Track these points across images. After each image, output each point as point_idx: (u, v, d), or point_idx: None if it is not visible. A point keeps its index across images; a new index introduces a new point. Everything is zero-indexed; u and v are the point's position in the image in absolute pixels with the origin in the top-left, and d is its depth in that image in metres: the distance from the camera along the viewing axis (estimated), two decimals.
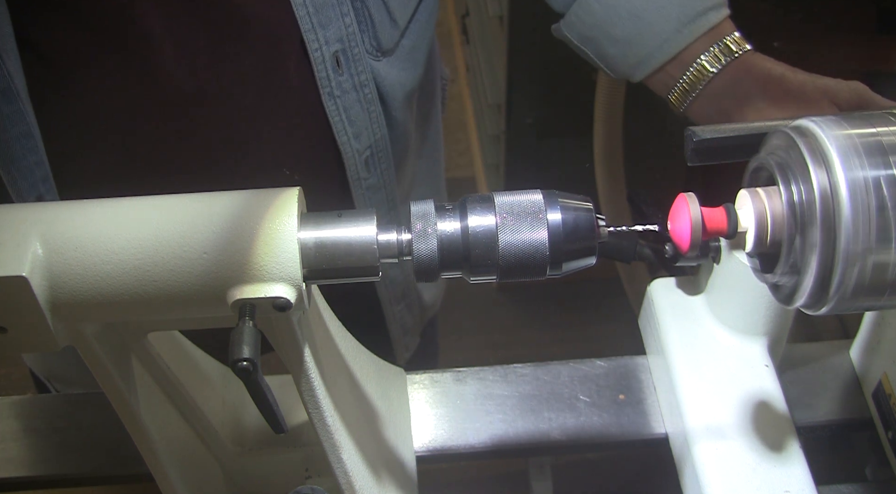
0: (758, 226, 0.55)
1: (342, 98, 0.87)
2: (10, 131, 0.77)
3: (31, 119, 0.78)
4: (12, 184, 0.80)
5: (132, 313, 0.56)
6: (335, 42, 0.85)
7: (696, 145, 0.71)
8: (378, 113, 0.91)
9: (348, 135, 0.89)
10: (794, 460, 0.76)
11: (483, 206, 0.55)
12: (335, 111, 0.88)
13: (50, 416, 0.89)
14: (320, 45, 0.84)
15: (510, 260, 0.55)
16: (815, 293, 0.53)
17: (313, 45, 0.84)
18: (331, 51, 0.85)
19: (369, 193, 0.94)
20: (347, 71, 0.87)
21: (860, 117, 0.54)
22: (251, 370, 0.51)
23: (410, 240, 0.55)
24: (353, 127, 0.89)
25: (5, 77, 0.75)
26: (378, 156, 0.93)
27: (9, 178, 0.79)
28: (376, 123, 0.91)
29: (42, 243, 0.53)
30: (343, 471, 0.69)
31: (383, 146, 0.93)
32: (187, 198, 0.56)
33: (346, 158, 0.90)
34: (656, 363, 0.88)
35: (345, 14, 0.84)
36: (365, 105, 0.89)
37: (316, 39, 0.83)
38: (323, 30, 0.83)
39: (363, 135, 0.90)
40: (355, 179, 0.92)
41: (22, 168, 0.79)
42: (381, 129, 0.92)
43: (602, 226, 0.56)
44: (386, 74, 0.90)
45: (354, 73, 0.87)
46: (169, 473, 0.71)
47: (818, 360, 0.91)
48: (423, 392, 0.89)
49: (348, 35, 0.85)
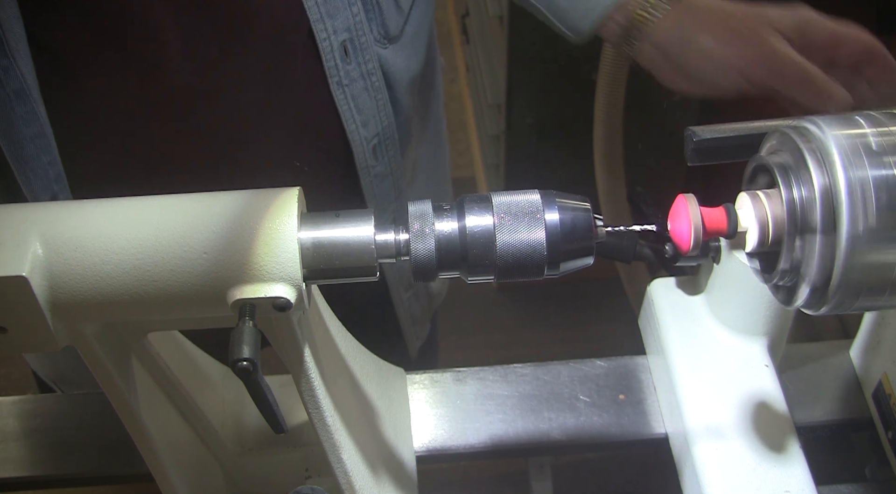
0: (758, 226, 0.55)
1: (350, 87, 0.88)
2: (24, 132, 0.77)
3: (43, 119, 0.78)
4: (27, 184, 0.79)
5: (132, 313, 0.56)
6: (343, 31, 0.85)
7: (696, 145, 0.71)
8: (385, 100, 0.91)
9: (356, 123, 0.90)
10: (794, 460, 0.76)
11: (481, 206, 0.55)
12: (343, 100, 0.88)
13: (50, 416, 0.89)
14: (328, 35, 0.84)
15: (508, 260, 0.55)
16: (815, 293, 0.53)
17: (322, 34, 0.84)
18: (339, 40, 0.85)
19: (377, 181, 0.95)
20: (355, 59, 0.87)
21: (860, 117, 0.54)
22: (251, 370, 0.51)
23: (408, 240, 0.55)
24: (362, 115, 0.90)
25: (18, 77, 0.75)
26: (385, 143, 0.93)
27: (23, 178, 0.79)
28: (383, 111, 0.91)
29: (42, 243, 0.53)
30: (343, 471, 0.69)
31: (390, 133, 0.93)
32: (187, 198, 0.56)
33: (355, 146, 0.91)
34: (656, 363, 0.88)
35: (352, 3, 0.85)
36: (372, 93, 0.89)
37: (325, 29, 0.84)
38: (331, 19, 0.84)
39: (371, 123, 0.91)
40: (363, 168, 0.93)
41: (36, 168, 0.79)
42: (389, 117, 0.92)
43: (600, 225, 0.56)
44: (392, 61, 0.91)
45: (362, 61, 0.88)
46: (169, 473, 0.71)
47: (818, 360, 0.91)
48: (423, 392, 0.89)
49: (356, 24, 0.86)
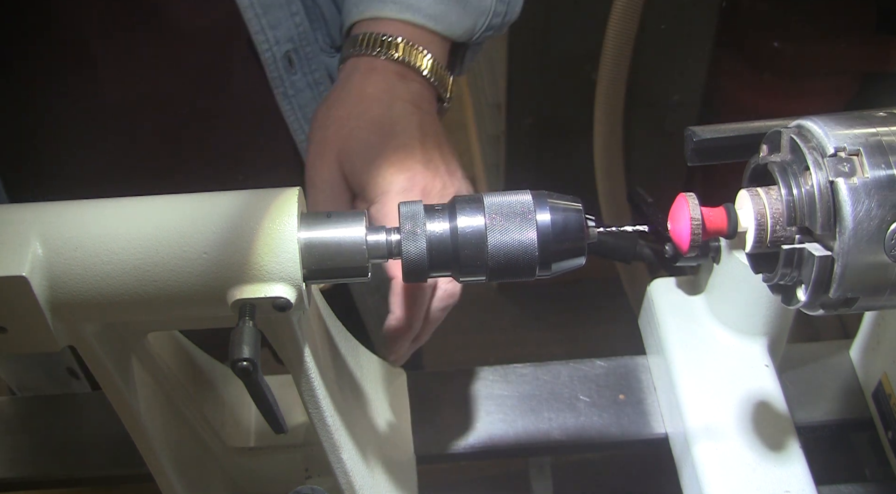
0: (758, 226, 0.55)
1: (296, 97, 0.87)
2: None
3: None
4: None
5: (132, 313, 0.56)
6: (286, 42, 0.84)
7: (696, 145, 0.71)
8: None
9: (306, 133, 0.88)
10: (794, 460, 0.76)
11: (472, 207, 0.55)
12: (290, 111, 0.87)
13: (50, 416, 0.89)
14: (270, 46, 0.83)
15: (499, 260, 0.55)
16: (815, 293, 0.53)
17: (263, 46, 0.83)
18: (282, 51, 0.84)
19: None
20: (301, 70, 0.86)
21: (860, 117, 0.54)
22: (251, 370, 0.51)
23: (399, 241, 0.55)
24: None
25: None
26: None
27: None
28: None
29: (42, 243, 0.53)
30: (343, 471, 0.69)
31: None
32: (187, 198, 0.56)
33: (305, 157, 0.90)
34: (656, 363, 0.88)
35: (294, 13, 0.84)
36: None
37: (266, 40, 0.83)
38: (273, 30, 0.83)
39: None
40: None
41: None
42: None
43: (591, 226, 0.56)
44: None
45: (308, 71, 0.87)
46: (169, 473, 0.71)
47: (818, 360, 0.91)
48: (424, 392, 0.89)
49: (299, 34, 0.85)
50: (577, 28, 1.71)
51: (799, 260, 0.53)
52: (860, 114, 0.54)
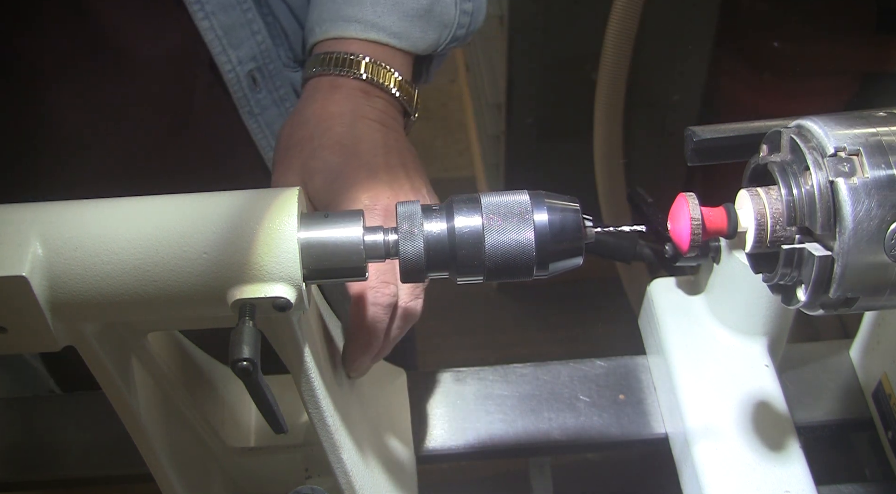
0: (758, 226, 0.55)
1: (262, 115, 0.86)
2: None
3: None
4: None
5: (132, 313, 0.56)
6: (249, 61, 0.84)
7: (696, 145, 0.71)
8: None
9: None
10: (794, 460, 0.76)
11: (469, 207, 0.55)
12: (258, 129, 0.87)
13: (50, 416, 0.89)
14: (234, 66, 0.83)
15: (497, 260, 0.55)
16: (815, 293, 0.53)
17: (226, 66, 0.83)
18: (245, 70, 0.84)
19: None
20: (265, 87, 0.85)
21: (860, 117, 0.54)
22: (251, 370, 0.51)
23: (397, 241, 0.55)
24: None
25: None
26: None
27: None
28: None
29: (42, 243, 0.53)
30: (343, 471, 0.69)
31: None
32: (187, 198, 0.56)
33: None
34: (656, 363, 0.88)
35: (256, 32, 0.83)
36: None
37: (228, 61, 0.82)
38: (235, 50, 0.82)
39: None
40: None
41: None
42: None
43: (589, 226, 0.56)
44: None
45: (273, 88, 0.86)
46: (169, 473, 0.71)
47: (818, 360, 0.91)
48: (423, 392, 0.89)
49: (262, 52, 0.84)
50: (577, 28, 1.71)
51: (799, 260, 0.53)
52: (860, 114, 0.54)
